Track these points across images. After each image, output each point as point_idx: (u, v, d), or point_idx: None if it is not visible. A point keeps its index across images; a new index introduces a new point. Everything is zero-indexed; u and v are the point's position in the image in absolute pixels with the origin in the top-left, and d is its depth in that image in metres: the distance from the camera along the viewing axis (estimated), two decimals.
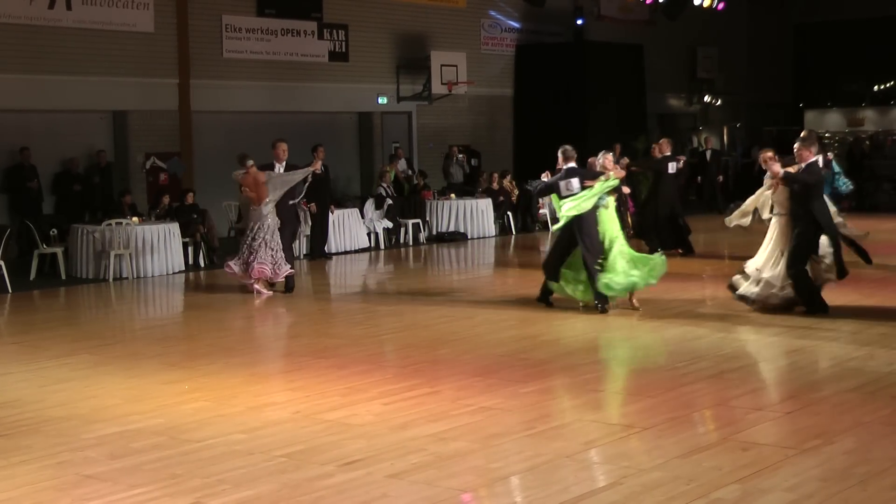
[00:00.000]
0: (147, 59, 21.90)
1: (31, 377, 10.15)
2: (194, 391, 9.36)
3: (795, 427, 7.86)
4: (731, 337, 11.30)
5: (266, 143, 24.20)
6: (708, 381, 9.39)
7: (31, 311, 14.79)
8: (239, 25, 23.58)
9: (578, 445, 7.42)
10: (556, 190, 13.09)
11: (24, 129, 20.58)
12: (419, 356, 10.76)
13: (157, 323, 14.20)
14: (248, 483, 6.77)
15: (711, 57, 34.89)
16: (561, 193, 13.00)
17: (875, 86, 34.69)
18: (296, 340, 11.91)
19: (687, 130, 34.98)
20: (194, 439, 7.80)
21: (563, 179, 13.03)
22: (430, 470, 6.95)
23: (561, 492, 6.47)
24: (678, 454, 7.16)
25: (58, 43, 20.67)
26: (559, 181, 13.06)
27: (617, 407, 8.60)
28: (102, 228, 17.21)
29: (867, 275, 15.57)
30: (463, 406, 8.58)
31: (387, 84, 26.44)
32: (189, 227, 18.67)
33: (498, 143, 29.10)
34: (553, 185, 13.15)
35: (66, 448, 7.65)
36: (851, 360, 10.07)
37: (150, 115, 22.32)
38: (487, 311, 13.53)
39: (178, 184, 22.16)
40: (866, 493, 6.34)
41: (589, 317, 12.76)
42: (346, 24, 25.43)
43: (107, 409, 8.82)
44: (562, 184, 13.02)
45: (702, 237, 20.85)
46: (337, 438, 7.76)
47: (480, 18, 28.60)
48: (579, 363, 10.18)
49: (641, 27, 31.97)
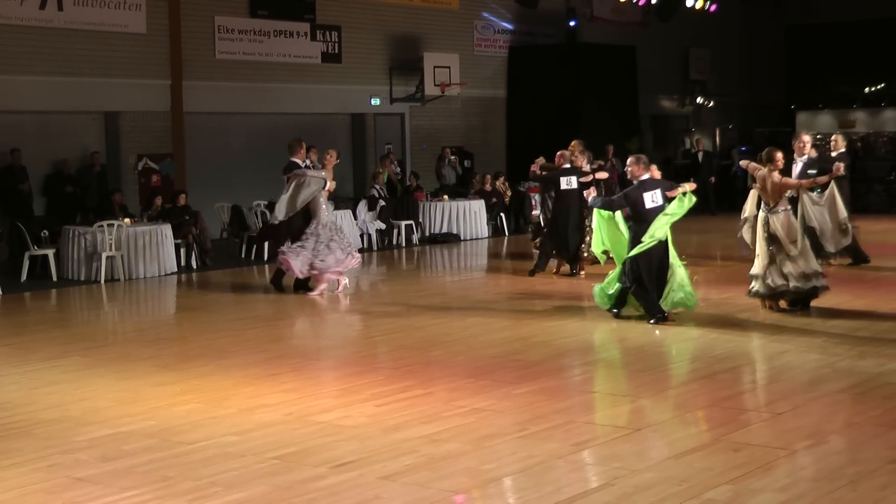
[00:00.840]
0: (139, 61, 21.87)
1: (22, 379, 10.13)
2: (186, 393, 9.35)
3: (787, 428, 7.87)
4: (723, 338, 11.31)
5: (259, 144, 24.38)
6: (700, 382, 9.40)
7: (22, 313, 14.76)
8: (231, 27, 23.56)
9: (571, 446, 7.42)
10: (639, 202, 12.02)
11: (16, 131, 20.52)
12: (412, 358, 10.75)
13: (149, 325, 14.17)
14: (240, 485, 6.76)
15: (704, 58, 34.93)
16: (646, 206, 12.00)
17: (866, 87, 34.74)
18: (288, 342, 11.90)
19: (679, 132, 35.03)
20: (186, 441, 7.79)
21: (648, 191, 12.03)
22: (422, 471, 6.95)
23: (553, 493, 6.47)
24: (670, 455, 7.17)
25: (49, 44, 20.62)
26: (642, 193, 12.02)
27: (609, 408, 8.60)
28: (94, 230, 17.17)
29: (859, 276, 15.62)
30: (456, 407, 8.58)
31: (380, 85, 26.44)
32: (181, 228, 18.64)
33: (491, 144, 29.11)
34: (637, 199, 12.03)
35: (57, 451, 7.63)
36: (842, 360, 10.08)
37: (143, 117, 22.29)
38: (480, 312, 13.53)
39: (170, 185, 22.13)
40: (857, 493, 6.35)
41: (580, 318, 12.77)
42: (339, 26, 25.41)
43: (98, 411, 8.80)
44: (647, 196, 12.02)
45: (694, 238, 20.88)
46: (329, 440, 7.76)
47: (473, 20, 28.61)
48: (572, 365, 10.19)
49: (634, 29, 31.99)
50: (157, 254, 17.70)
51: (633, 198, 12.10)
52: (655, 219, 11.97)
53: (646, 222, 11.99)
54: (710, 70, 35.04)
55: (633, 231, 12.21)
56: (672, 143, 34.52)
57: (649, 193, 12.03)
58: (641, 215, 12.06)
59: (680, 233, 23.35)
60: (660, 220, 11.97)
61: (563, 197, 16.34)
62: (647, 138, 32.65)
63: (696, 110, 35.36)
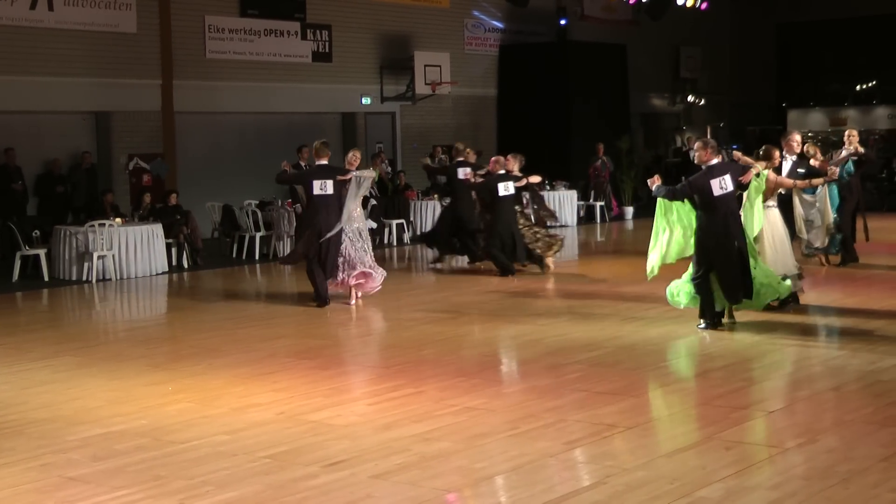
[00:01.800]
0: (130, 60, 21.85)
1: (14, 379, 10.11)
2: (178, 392, 9.34)
3: (779, 426, 7.89)
4: (715, 336, 11.31)
5: (250, 143, 24.37)
6: (692, 380, 9.41)
7: (13, 313, 14.73)
8: (222, 26, 23.55)
9: (562, 445, 7.43)
10: (706, 190, 11.06)
11: (7, 131, 20.49)
12: (403, 357, 10.75)
13: (141, 324, 14.16)
14: (232, 484, 6.76)
15: (695, 57, 34.99)
16: (714, 193, 11.03)
17: (858, 85, 34.82)
18: (279, 341, 11.89)
19: (670, 130, 35.08)
20: (178, 441, 7.78)
21: (716, 177, 11.08)
22: (414, 470, 6.94)
23: (545, 491, 6.47)
24: (662, 453, 7.18)
25: (39, 44, 20.60)
26: (709, 180, 11.07)
27: (601, 406, 8.61)
28: (85, 230, 17.15)
29: (851, 273, 15.64)
30: (447, 406, 8.58)
31: (370, 84, 26.44)
32: (172, 228, 18.62)
33: (482, 143, 29.05)
34: (704, 186, 11.07)
35: (49, 450, 7.62)
36: (834, 358, 10.10)
37: (133, 116, 22.28)
38: (471, 311, 13.53)
39: (161, 185, 22.11)
40: (849, 491, 6.36)
41: (572, 316, 12.77)
42: (330, 25, 25.41)
43: (90, 410, 8.79)
44: (714, 182, 11.05)
45: None
46: (321, 439, 7.75)
47: (464, 19, 28.62)
48: (563, 363, 10.19)
49: (625, 27, 32.03)
50: (149, 253, 17.69)
51: (699, 185, 11.09)
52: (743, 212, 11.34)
53: (716, 211, 11.11)
54: (701, 68, 35.11)
55: (700, 221, 11.28)
56: (663, 141, 34.57)
57: (717, 180, 11.06)
58: (710, 203, 11.11)
59: None
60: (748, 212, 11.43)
61: (501, 203, 16.32)
62: (638, 137, 32.69)
63: (686, 109, 35.41)
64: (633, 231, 25.22)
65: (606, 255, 20.78)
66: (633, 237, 24.17)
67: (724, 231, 11.18)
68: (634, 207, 27.64)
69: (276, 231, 19.90)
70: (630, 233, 25.00)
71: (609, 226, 26.09)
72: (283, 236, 19.75)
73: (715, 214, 11.12)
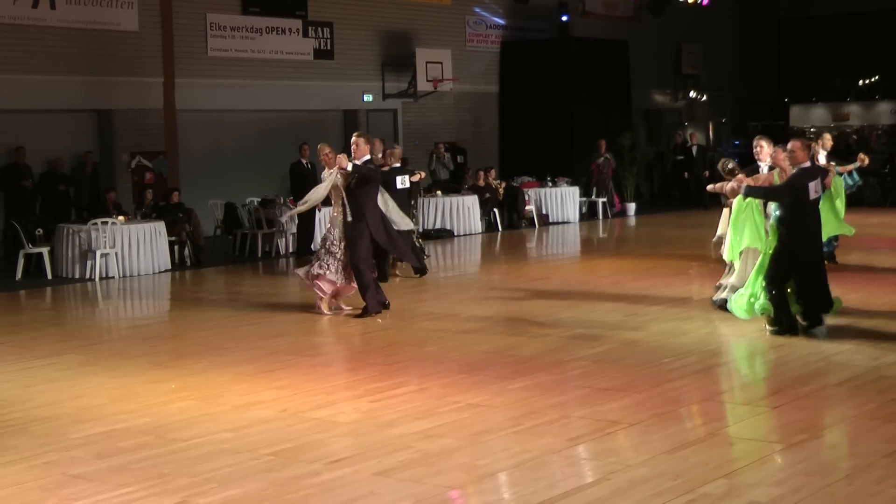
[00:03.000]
0: (132, 58, 21.84)
1: (18, 377, 10.12)
2: (181, 390, 9.35)
3: (782, 422, 7.88)
4: (718, 333, 11.32)
5: (252, 141, 24.36)
6: (695, 376, 9.41)
7: (17, 311, 14.74)
8: (223, 24, 23.54)
9: (565, 442, 7.43)
10: (803, 192, 10.35)
11: (11, 129, 20.47)
12: (405, 353, 10.75)
13: (144, 322, 14.17)
14: (235, 482, 6.76)
15: (697, 53, 34.93)
16: (810, 196, 10.38)
17: (860, 80, 34.79)
18: (282, 339, 11.89)
19: (673, 126, 35.05)
20: (181, 438, 7.79)
21: (813, 180, 10.41)
22: (417, 467, 6.95)
23: (548, 488, 6.48)
24: (665, 450, 7.17)
25: (41, 42, 20.59)
26: (807, 182, 10.35)
27: (603, 403, 8.60)
28: (88, 228, 17.16)
29: (853, 270, 15.62)
30: (450, 403, 8.58)
31: (372, 82, 26.43)
32: (175, 226, 18.63)
33: (483, 139, 29.11)
34: (802, 187, 10.36)
35: (52, 448, 7.63)
36: (837, 354, 10.09)
37: (135, 114, 22.27)
38: (474, 308, 13.52)
39: (163, 183, 22.12)
40: (853, 487, 6.36)
41: (573, 313, 12.76)
42: (331, 22, 25.39)
43: (93, 408, 8.80)
44: (811, 185, 10.36)
45: (688, 233, 20.89)
46: (324, 436, 7.76)
47: (465, 15, 28.60)
48: (566, 359, 10.19)
49: (626, 23, 32.00)
50: (151, 251, 17.71)
51: (798, 186, 10.36)
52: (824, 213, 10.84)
53: (806, 215, 10.49)
54: (703, 64, 35.05)
55: (784, 225, 10.51)
56: (665, 137, 34.54)
57: (814, 182, 10.39)
58: (803, 207, 10.42)
59: (672, 228, 23.39)
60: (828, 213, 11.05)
61: (398, 197, 15.27)
62: (640, 133, 32.67)
63: (689, 105, 35.38)
64: (636, 227, 25.22)
65: (608, 251, 20.77)
66: (636, 234, 24.18)
67: (813, 235, 10.71)
68: (636, 204, 27.64)
69: (276, 228, 19.92)
70: (632, 229, 24.99)
71: (611, 222, 26.08)
72: (285, 233, 19.80)
73: (805, 218, 10.53)
